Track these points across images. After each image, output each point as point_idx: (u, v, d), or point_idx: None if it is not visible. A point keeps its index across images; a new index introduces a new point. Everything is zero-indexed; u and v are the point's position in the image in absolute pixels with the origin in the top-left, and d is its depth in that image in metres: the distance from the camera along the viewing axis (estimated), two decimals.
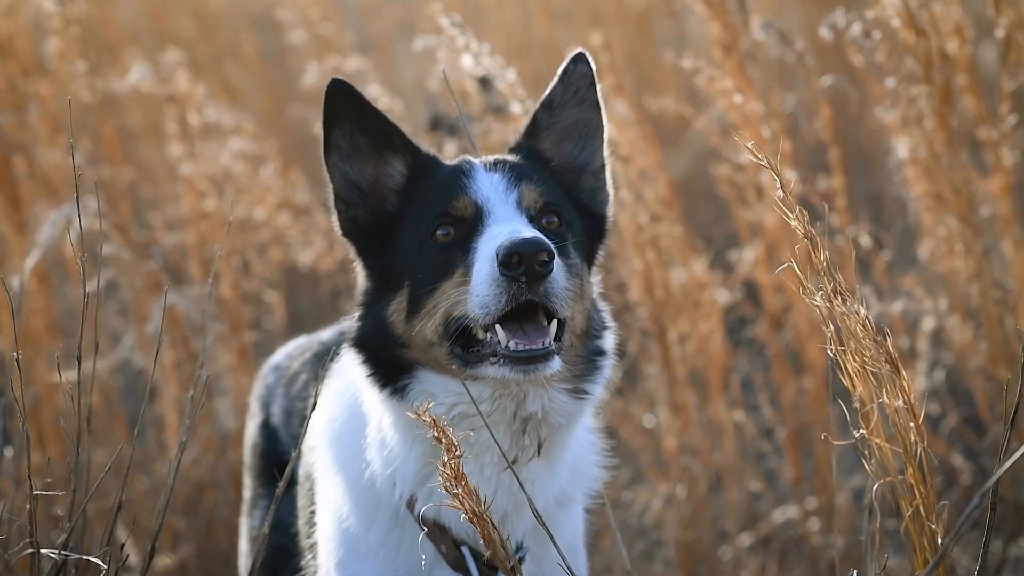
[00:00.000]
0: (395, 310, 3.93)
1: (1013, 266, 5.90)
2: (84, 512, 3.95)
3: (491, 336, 3.77)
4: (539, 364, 3.73)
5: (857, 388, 3.66)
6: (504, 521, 3.95)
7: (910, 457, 3.67)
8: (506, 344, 3.73)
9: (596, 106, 4.19)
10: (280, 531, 4.47)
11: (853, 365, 3.64)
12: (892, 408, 3.64)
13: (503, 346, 3.73)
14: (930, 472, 3.68)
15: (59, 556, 3.82)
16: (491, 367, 3.77)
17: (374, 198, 4.10)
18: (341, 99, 4.02)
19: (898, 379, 3.61)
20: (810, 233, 3.61)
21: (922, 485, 3.66)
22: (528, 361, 3.73)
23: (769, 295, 6.24)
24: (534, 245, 3.65)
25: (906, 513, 3.71)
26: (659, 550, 6.40)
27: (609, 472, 4.25)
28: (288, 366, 4.85)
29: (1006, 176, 5.87)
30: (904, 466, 3.70)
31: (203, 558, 6.37)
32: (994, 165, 5.91)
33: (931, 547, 3.67)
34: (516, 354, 3.73)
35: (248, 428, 4.96)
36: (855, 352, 3.62)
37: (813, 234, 3.61)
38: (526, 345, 3.72)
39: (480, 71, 5.60)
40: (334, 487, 4.10)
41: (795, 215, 3.59)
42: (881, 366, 3.61)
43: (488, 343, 3.77)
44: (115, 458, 4.13)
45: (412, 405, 3.85)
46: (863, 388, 3.64)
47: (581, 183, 4.22)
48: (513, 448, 3.87)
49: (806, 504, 6.14)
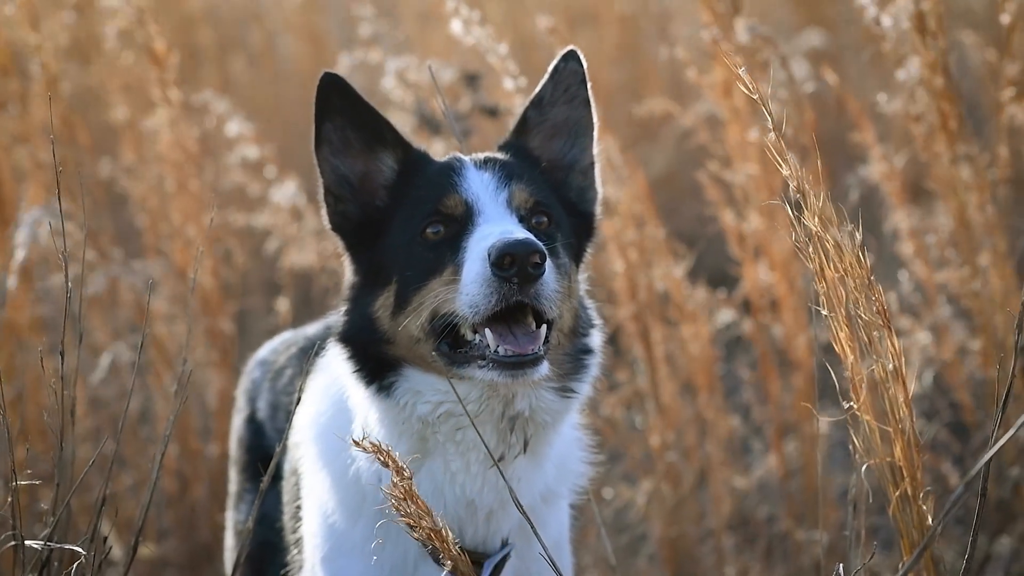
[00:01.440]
0: (381, 306, 3.93)
1: (992, 274, 5.91)
2: (68, 506, 3.93)
3: (479, 338, 3.76)
4: (528, 369, 3.73)
5: (845, 348, 3.65)
6: (490, 518, 3.96)
7: (899, 432, 3.67)
8: (495, 348, 3.73)
9: (586, 103, 4.18)
10: (265, 525, 4.47)
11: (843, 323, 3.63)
12: (881, 372, 3.64)
13: (492, 350, 3.73)
14: (918, 451, 3.68)
15: (43, 548, 3.81)
16: (479, 370, 3.76)
17: (364, 193, 4.09)
18: (333, 93, 4.01)
19: (888, 338, 3.61)
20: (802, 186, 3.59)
21: (910, 465, 3.66)
22: (517, 366, 3.72)
23: (757, 295, 6.26)
24: (527, 246, 3.64)
25: (893, 497, 3.70)
26: (643, 545, 6.40)
27: (595, 468, 4.26)
28: (274, 360, 4.84)
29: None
30: (892, 444, 3.69)
31: (187, 552, 6.37)
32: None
33: (919, 530, 3.67)
34: (505, 359, 3.72)
35: (234, 422, 4.95)
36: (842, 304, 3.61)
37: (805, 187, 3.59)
38: (516, 351, 3.72)
39: (471, 39, 5.58)
40: (320, 482, 4.09)
41: (787, 161, 3.57)
42: (872, 317, 3.60)
43: (477, 346, 3.77)
44: (99, 452, 4.12)
45: (398, 403, 3.86)
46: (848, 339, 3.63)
47: (570, 181, 4.21)
48: (500, 446, 3.87)
49: (791, 500, 6.16)
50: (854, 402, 3.72)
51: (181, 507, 6.43)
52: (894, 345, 3.67)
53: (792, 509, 6.14)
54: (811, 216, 3.61)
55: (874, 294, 3.63)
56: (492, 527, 3.97)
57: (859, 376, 3.70)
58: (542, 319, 3.78)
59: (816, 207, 3.59)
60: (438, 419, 3.86)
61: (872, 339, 3.64)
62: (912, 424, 3.68)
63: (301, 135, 8.61)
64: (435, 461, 3.90)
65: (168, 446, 4.04)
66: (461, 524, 3.94)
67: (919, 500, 3.69)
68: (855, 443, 3.75)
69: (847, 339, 3.68)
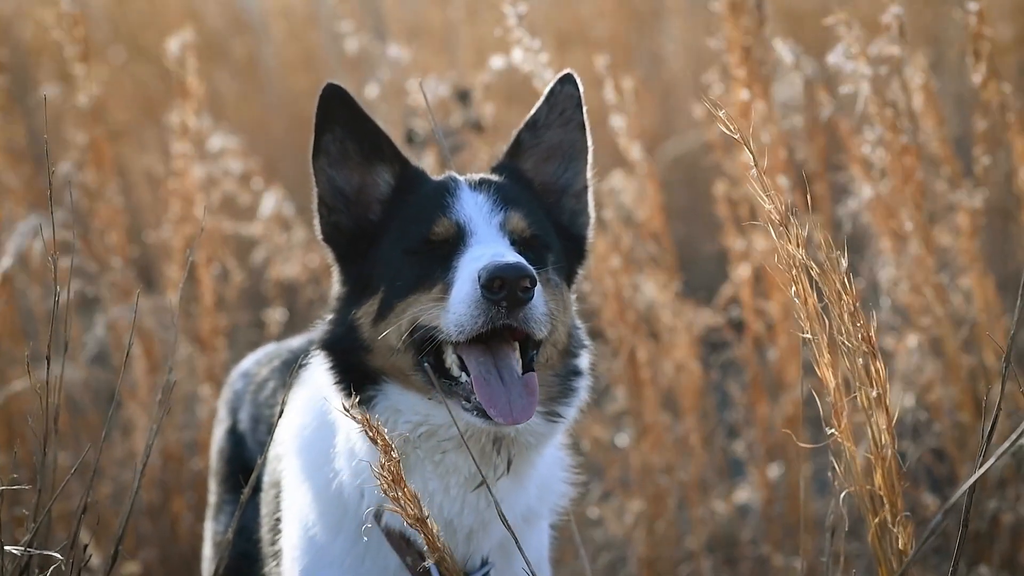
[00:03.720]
0: (364, 313, 3.93)
1: (976, 300, 5.93)
2: (49, 513, 3.93)
3: (464, 377, 3.76)
4: (514, 424, 3.75)
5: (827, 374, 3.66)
6: (471, 538, 3.95)
7: (880, 457, 3.67)
8: (483, 407, 3.72)
9: (582, 127, 4.18)
10: (244, 537, 4.45)
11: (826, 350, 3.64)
12: (864, 399, 3.64)
13: (477, 400, 3.74)
14: (898, 477, 3.68)
15: (23, 554, 3.80)
16: (463, 412, 3.76)
17: (358, 206, 4.09)
18: (335, 104, 4.01)
19: (873, 364, 3.62)
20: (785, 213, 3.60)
21: (890, 492, 3.67)
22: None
23: (751, 315, 6.27)
24: (517, 271, 3.64)
25: (872, 524, 3.71)
26: (623, 566, 6.40)
27: (576, 489, 4.26)
28: (257, 372, 4.84)
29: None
30: (873, 471, 3.70)
31: (166, 562, 6.35)
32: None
33: (898, 558, 3.67)
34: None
35: (215, 433, 4.94)
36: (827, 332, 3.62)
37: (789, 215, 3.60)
38: (504, 422, 3.72)
39: (528, 67, 5.59)
40: (302, 495, 4.08)
41: (771, 194, 3.58)
42: (857, 344, 3.61)
43: (462, 385, 3.77)
44: (80, 461, 4.11)
45: (377, 420, 3.85)
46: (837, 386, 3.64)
47: (562, 204, 4.21)
48: (482, 467, 3.85)
49: (772, 524, 6.16)
50: (836, 428, 3.73)
51: (162, 518, 6.41)
52: (879, 372, 3.68)
53: (773, 533, 6.14)
54: (793, 243, 3.62)
55: (859, 320, 3.64)
56: (472, 546, 3.97)
57: (841, 403, 3.71)
58: (527, 343, 3.79)
59: (801, 236, 3.60)
60: (418, 438, 3.86)
61: (856, 366, 3.65)
62: (894, 451, 3.68)
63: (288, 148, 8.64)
64: (414, 480, 3.88)
65: (151, 457, 4.03)
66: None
67: (897, 529, 3.70)
68: (836, 469, 3.76)
69: (829, 364, 3.68)
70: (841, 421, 3.71)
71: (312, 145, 4.04)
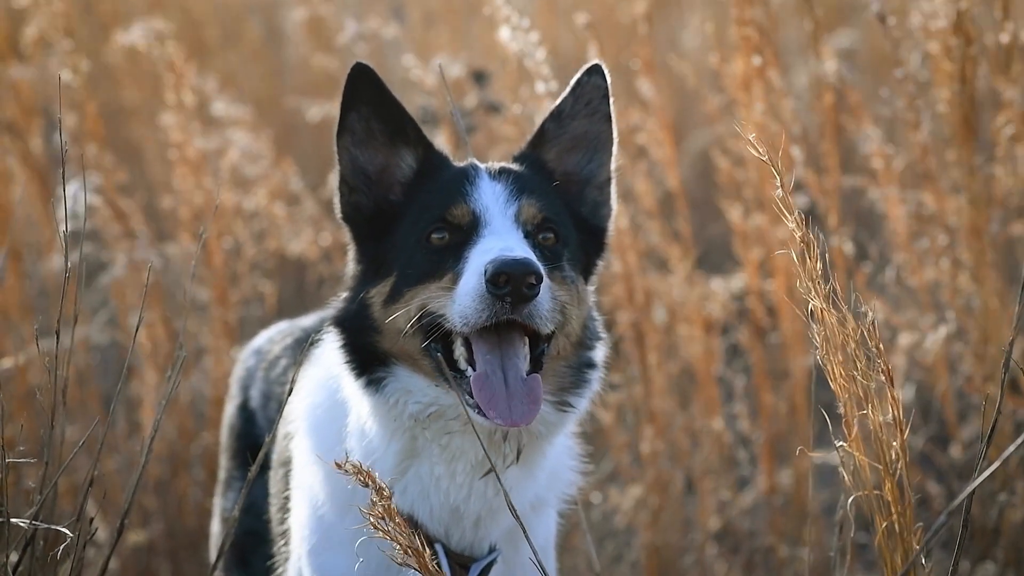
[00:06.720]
0: (377, 293, 3.92)
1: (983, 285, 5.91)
2: (55, 486, 3.92)
3: (472, 371, 3.75)
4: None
5: (843, 399, 3.64)
6: (478, 524, 3.95)
7: (888, 474, 3.65)
8: (484, 410, 3.71)
9: (608, 119, 4.16)
10: (252, 515, 4.46)
11: (840, 374, 3.62)
12: (876, 423, 3.62)
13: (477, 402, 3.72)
14: (909, 489, 3.66)
15: (28, 527, 3.80)
16: (469, 408, 3.74)
17: (379, 187, 4.07)
18: (362, 83, 3.99)
19: (890, 391, 3.60)
20: (807, 237, 3.59)
21: (899, 503, 3.64)
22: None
23: (756, 302, 6.25)
24: (523, 267, 3.63)
25: (880, 528, 3.69)
26: (628, 553, 6.40)
27: (585, 476, 4.25)
28: (269, 350, 4.83)
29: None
30: (881, 481, 3.68)
31: (172, 537, 6.36)
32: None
33: (903, 557, 3.65)
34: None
35: (226, 409, 4.94)
36: (843, 363, 3.60)
37: (811, 238, 3.59)
38: (505, 425, 3.70)
39: (515, 46, 5.59)
40: (312, 474, 4.07)
41: (793, 218, 3.56)
42: (872, 379, 3.59)
43: (468, 381, 3.75)
44: (88, 434, 4.10)
45: (388, 400, 3.85)
46: (848, 399, 3.62)
47: (584, 195, 4.19)
48: (491, 454, 3.83)
49: (777, 515, 6.15)
50: (846, 438, 3.70)
51: (170, 493, 6.42)
52: (893, 397, 3.65)
53: (777, 524, 6.13)
54: (810, 281, 3.60)
55: (880, 356, 3.61)
56: (480, 533, 3.96)
57: (853, 416, 3.68)
58: (538, 336, 3.77)
59: (816, 271, 3.58)
60: (428, 418, 3.85)
61: (869, 392, 3.63)
62: (905, 465, 3.66)
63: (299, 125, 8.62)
64: (422, 464, 3.89)
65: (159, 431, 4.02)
66: (448, 528, 3.94)
67: (906, 536, 3.67)
68: (843, 473, 3.73)
69: (842, 376, 3.66)
70: (852, 431, 3.68)
71: (337, 123, 4.02)
